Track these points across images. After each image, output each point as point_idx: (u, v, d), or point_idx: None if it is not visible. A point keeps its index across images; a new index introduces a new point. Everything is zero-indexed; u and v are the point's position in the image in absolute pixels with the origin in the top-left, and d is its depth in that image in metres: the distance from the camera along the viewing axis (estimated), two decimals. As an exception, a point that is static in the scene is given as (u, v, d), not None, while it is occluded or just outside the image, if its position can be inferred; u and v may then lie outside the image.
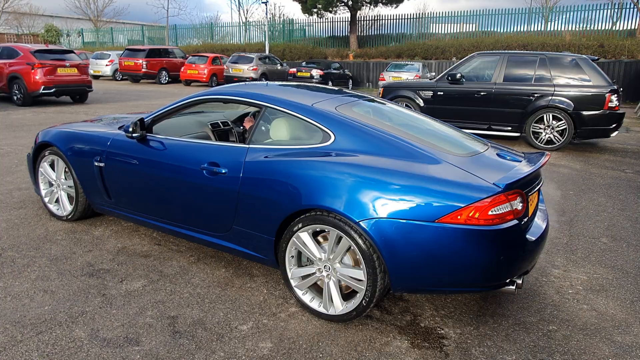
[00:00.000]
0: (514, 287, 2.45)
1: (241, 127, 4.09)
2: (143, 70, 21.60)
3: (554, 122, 7.64)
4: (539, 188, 2.83)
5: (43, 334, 2.42)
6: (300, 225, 2.58)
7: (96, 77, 24.16)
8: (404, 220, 2.31)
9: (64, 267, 3.17)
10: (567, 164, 6.88)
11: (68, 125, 3.97)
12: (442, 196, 2.29)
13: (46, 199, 4.07)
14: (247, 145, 2.87)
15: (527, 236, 2.51)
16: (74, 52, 13.46)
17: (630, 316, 2.78)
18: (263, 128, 2.96)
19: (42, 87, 11.90)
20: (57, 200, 4.03)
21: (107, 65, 23.98)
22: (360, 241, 2.39)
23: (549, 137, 7.74)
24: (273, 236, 2.72)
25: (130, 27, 37.35)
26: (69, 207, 3.93)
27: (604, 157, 7.48)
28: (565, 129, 7.57)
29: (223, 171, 2.84)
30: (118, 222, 4.02)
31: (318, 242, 2.65)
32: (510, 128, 8.05)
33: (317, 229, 2.57)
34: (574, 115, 7.45)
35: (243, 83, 3.70)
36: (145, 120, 3.32)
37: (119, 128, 3.60)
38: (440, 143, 2.78)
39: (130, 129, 3.22)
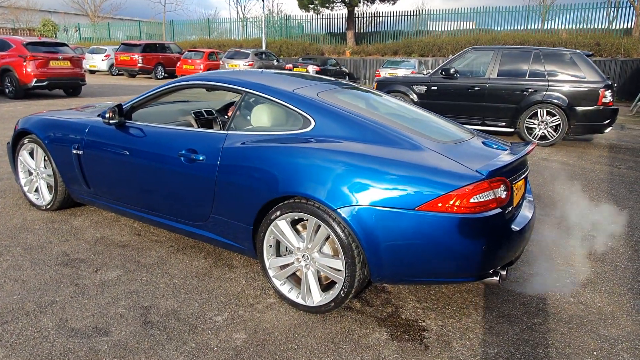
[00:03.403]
0: (497, 279, 2.37)
1: (226, 117, 4.01)
2: (139, 65, 21.41)
3: (548, 117, 7.57)
4: (525, 176, 2.76)
5: (8, 324, 2.33)
6: (278, 213, 2.50)
7: (92, 72, 23.98)
8: (383, 208, 2.23)
9: (38, 257, 3.08)
10: (561, 159, 6.82)
11: (49, 113, 3.88)
12: (422, 183, 2.21)
13: (25, 188, 3.98)
14: (226, 132, 2.79)
15: (512, 226, 2.44)
16: (67, 45, 13.33)
17: (617, 309, 2.71)
18: (243, 114, 2.87)
19: (34, 79, 11.76)
20: (36, 190, 3.94)
21: (103, 60, 23.78)
22: (338, 229, 2.31)
23: (543, 132, 7.67)
24: (251, 225, 2.64)
25: (128, 22, 37.11)
26: (48, 197, 3.84)
27: (597, 152, 7.42)
28: (559, 124, 7.50)
29: (200, 158, 2.76)
30: (99, 212, 3.94)
31: (297, 231, 2.57)
32: (504, 123, 7.98)
33: (296, 217, 2.49)
34: (567, 110, 7.38)
35: (231, 69, 3.62)
36: (124, 106, 3.23)
37: (98, 115, 3.51)
38: (423, 130, 2.70)
39: (107, 115, 3.12)
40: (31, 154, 3.87)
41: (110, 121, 3.13)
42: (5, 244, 3.26)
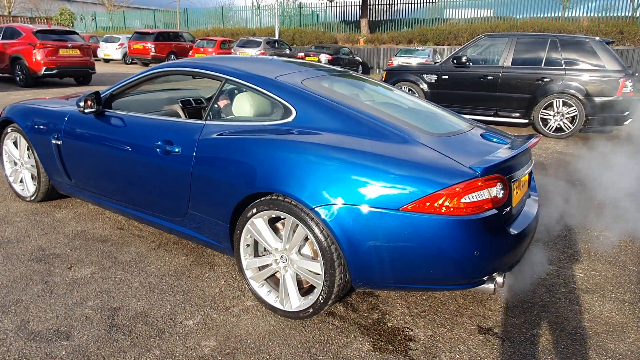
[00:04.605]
0: (492, 286, 2.15)
1: (215, 105, 3.81)
2: (151, 53, 21.32)
3: (564, 108, 7.21)
4: (529, 173, 2.52)
5: (-34, 325, 2.20)
6: (254, 210, 2.31)
7: (107, 61, 24.07)
8: (365, 208, 2.02)
9: (13, 251, 2.95)
10: (576, 153, 6.48)
11: (33, 101, 3.74)
12: (407, 181, 1.99)
13: (11, 179, 3.86)
14: (204, 122, 2.60)
15: (510, 229, 2.21)
16: (77, 33, 13.28)
17: (627, 320, 2.46)
18: (221, 103, 2.68)
19: (44, 68, 11.72)
20: (22, 180, 3.81)
21: (117, 48, 23.80)
22: (316, 230, 2.11)
23: (559, 124, 7.32)
24: (228, 222, 2.45)
25: (145, 11, 37.09)
26: (32, 188, 3.72)
27: (616, 146, 7.03)
28: (576, 115, 7.14)
29: (176, 150, 2.58)
30: (84, 205, 3.80)
31: (277, 230, 2.38)
32: (518, 114, 7.64)
33: (273, 215, 2.29)
34: (585, 101, 7.02)
35: (221, 55, 3.43)
36: (102, 95, 3.07)
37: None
38: (416, 121, 2.47)
39: (82, 104, 2.96)
40: (15, 144, 3.74)
41: (86, 110, 2.96)
42: (-18, 237, 3.15)
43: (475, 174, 1.99)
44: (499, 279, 2.17)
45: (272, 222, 2.38)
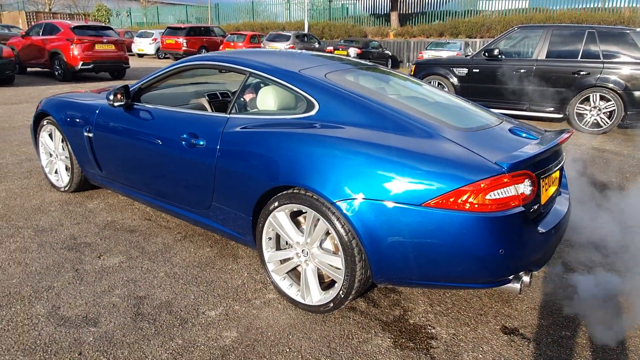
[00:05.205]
0: (518, 285, 2.09)
1: (242, 99, 3.84)
2: (183, 48, 21.67)
3: (602, 102, 6.93)
4: (560, 169, 2.43)
5: (2, 309, 2.30)
6: (276, 204, 2.31)
7: (141, 56, 24.61)
8: (387, 203, 1.99)
9: (46, 239, 3.06)
10: (614, 149, 6.23)
11: (67, 94, 3.85)
12: (431, 176, 1.95)
13: (46, 170, 4.01)
14: (228, 115, 2.62)
15: (538, 227, 2.14)
16: (112, 29, 13.63)
17: (663, 325, 2.35)
18: (245, 96, 2.70)
19: (81, 62, 12.09)
20: (56, 171, 3.95)
21: (150, 43, 24.29)
22: (337, 224, 2.10)
23: (595, 119, 7.04)
24: (250, 215, 2.47)
25: (178, 7, 37.77)
26: (66, 179, 3.85)
27: (658, 143, 6.73)
28: (614, 110, 6.85)
29: (201, 143, 2.61)
30: (115, 196, 3.91)
31: (298, 224, 2.39)
32: (552, 109, 7.39)
33: (295, 209, 2.30)
34: (624, 95, 6.71)
35: (245, 49, 3.44)
36: (131, 88, 3.13)
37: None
38: (443, 116, 2.42)
39: (111, 97, 3.03)
40: (50, 136, 3.87)
41: (115, 103, 3.03)
42: (18, 225, 3.28)
43: (502, 170, 1.93)
44: (526, 278, 2.11)
45: (294, 216, 2.38)
